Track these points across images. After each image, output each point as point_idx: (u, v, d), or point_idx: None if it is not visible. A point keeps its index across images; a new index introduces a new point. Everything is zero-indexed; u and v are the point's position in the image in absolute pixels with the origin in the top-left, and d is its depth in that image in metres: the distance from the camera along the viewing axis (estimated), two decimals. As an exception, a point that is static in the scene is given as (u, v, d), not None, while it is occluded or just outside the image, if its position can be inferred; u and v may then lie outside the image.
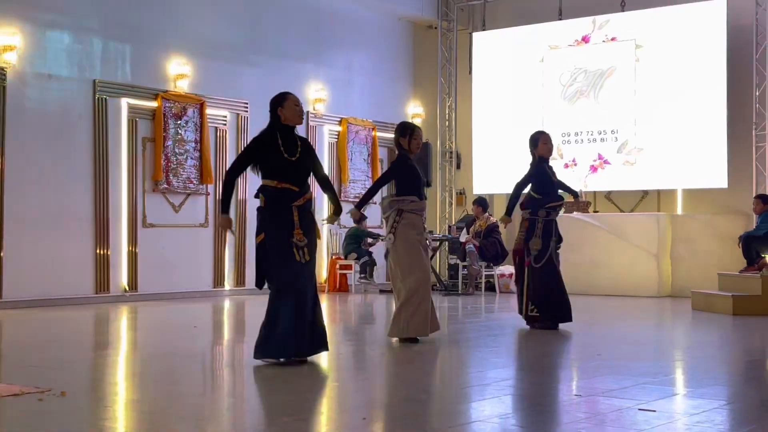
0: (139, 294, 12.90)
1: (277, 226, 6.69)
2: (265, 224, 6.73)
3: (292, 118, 6.85)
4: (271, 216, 6.71)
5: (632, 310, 12.17)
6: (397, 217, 8.07)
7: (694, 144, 14.43)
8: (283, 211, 6.69)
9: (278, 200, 6.70)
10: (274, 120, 6.85)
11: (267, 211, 6.74)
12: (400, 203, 8.11)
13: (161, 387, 6.09)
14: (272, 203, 6.71)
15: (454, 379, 6.76)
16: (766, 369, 7.39)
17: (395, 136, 8.37)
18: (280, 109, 6.83)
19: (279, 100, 6.87)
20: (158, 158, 13.15)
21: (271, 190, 6.72)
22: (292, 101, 6.86)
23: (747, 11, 14.23)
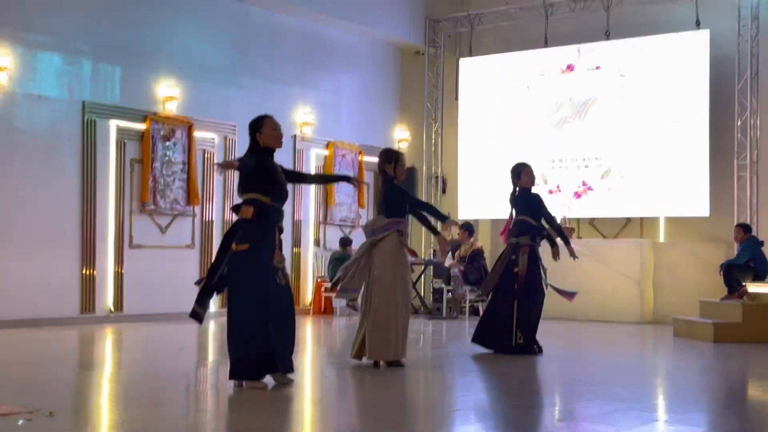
0: (125, 315, 12.92)
1: (263, 243, 6.69)
2: (253, 237, 6.68)
3: (270, 142, 6.86)
4: (256, 232, 6.69)
5: (614, 335, 12.28)
6: (400, 237, 8.17)
7: (677, 172, 14.60)
8: (270, 230, 6.75)
9: (269, 217, 6.75)
10: (254, 145, 6.87)
11: (256, 224, 6.71)
12: (400, 224, 8.20)
13: (147, 408, 6.14)
14: (262, 219, 6.72)
15: (438, 402, 6.83)
16: (746, 396, 7.50)
17: (380, 162, 8.47)
18: (258, 134, 6.86)
19: (257, 125, 6.89)
20: (146, 180, 13.21)
21: (265, 206, 6.74)
22: (269, 125, 6.87)
23: (729, 42, 14.44)
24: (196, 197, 13.78)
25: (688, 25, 14.61)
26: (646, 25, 15.23)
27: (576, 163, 15.58)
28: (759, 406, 6.80)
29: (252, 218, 6.72)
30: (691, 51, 14.60)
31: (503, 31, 16.84)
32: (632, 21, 15.36)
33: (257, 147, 6.86)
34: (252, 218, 6.72)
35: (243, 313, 6.63)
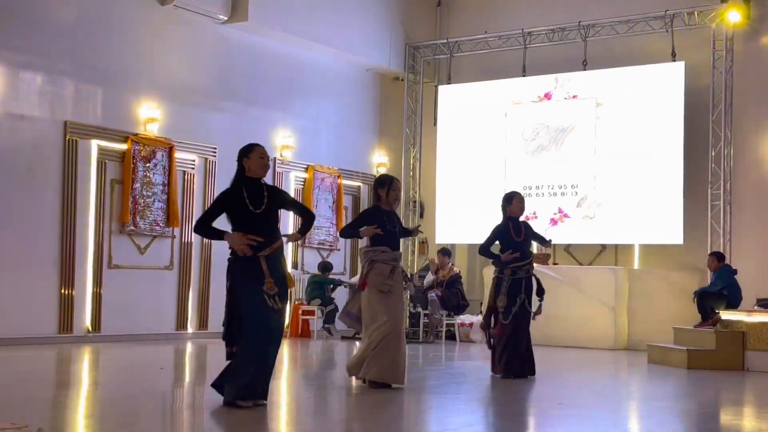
0: (102, 335, 12.91)
1: (246, 277, 6.79)
2: (234, 275, 6.83)
3: (256, 170, 6.94)
4: (239, 267, 6.81)
5: (590, 361, 12.41)
6: (369, 266, 8.27)
7: (652, 201, 14.81)
8: (251, 262, 6.79)
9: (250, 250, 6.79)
10: (240, 170, 6.96)
11: (236, 262, 6.84)
12: (373, 254, 8.31)
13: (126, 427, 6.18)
14: (239, 255, 6.80)
15: (420, 424, 6.90)
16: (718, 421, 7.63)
17: (375, 185, 8.58)
18: (245, 160, 6.93)
19: (245, 151, 6.97)
20: (126, 200, 13.25)
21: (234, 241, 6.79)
22: (257, 153, 6.94)
23: (704, 74, 14.72)
24: (175, 219, 13.82)
25: (664, 57, 14.88)
26: (623, 56, 15.49)
27: (552, 190, 15.76)
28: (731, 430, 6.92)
29: (233, 255, 6.86)
30: (667, 82, 14.85)
31: (482, 59, 17.06)
32: (609, 52, 15.62)
33: (242, 175, 6.94)
34: (233, 255, 6.86)
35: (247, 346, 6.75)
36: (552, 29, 15.97)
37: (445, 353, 13.25)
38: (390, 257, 8.34)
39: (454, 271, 15.05)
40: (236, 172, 6.99)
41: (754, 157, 14.56)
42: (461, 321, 15.17)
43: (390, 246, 8.38)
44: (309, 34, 15.57)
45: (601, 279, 14.74)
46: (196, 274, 14.16)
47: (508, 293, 9.56)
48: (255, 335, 6.72)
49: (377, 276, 8.25)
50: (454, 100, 16.91)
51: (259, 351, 6.73)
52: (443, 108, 17.00)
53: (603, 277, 14.77)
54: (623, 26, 15.36)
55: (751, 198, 14.50)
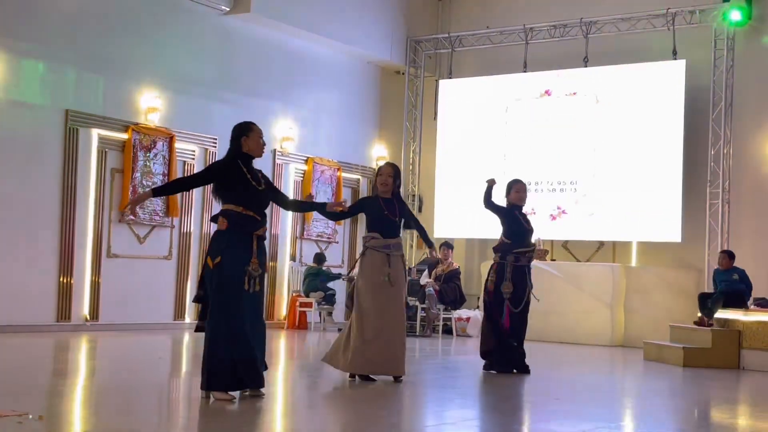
0: (100, 324, 12.94)
1: (235, 252, 6.68)
2: (224, 248, 6.69)
3: (255, 150, 6.88)
4: (231, 240, 6.70)
5: (586, 358, 12.45)
6: (361, 255, 8.29)
7: (651, 198, 14.84)
8: (245, 238, 6.73)
9: (242, 226, 6.73)
10: (236, 148, 6.86)
11: (228, 235, 6.72)
12: (366, 240, 8.33)
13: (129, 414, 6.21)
14: (235, 228, 6.72)
15: (415, 418, 6.93)
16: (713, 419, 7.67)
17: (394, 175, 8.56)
18: (244, 139, 6.86)
19: (244, 129, 6.90)
20: (126, 189, 13.26)
21: (234, 216, 6.73)
22: (257, 133, 6.90)
23: (705, 72, 14.73)
24: (174, 209, 13.84)
25: (665, 55, 14.90)
26: (624, 54, 15.51)
27: (551, 186, 15.79)
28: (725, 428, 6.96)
29: (225, 229, 6.75)
30: (667, 80, 14.87)
31: (483, 54, 17.08)
32: (610, 49, 15.64)
33: (238, 152, 6.86)
34: (225, 229, 6.75)
35: (216, 326, 6.64)
36: (553, 25, 15.98)
37: (441, 347, 13.28)
38: (381, 244, 8.26)
39: (453, 266, 15.08)
40: (231, 149, 6.88)
41: (754, 156, 14.59)
42: (458, 316, 15.20)
43: (383, 233, 8.30)
44: (311, 26, 15.58)
45: (599, 276, 14.77)
46: (194, 264, 14.18)
47: (512, 279, 9.53)
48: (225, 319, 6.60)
49: (367, 265, 8.24)
50: (454, 95, 16.92)
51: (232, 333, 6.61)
52: (444, 102, 17.01)
53: (600, 273, 14.80)
54: (625, 23, 15.38)
55: (750, 197, 14.54)
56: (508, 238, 9.72)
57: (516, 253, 9.65)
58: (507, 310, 9.53)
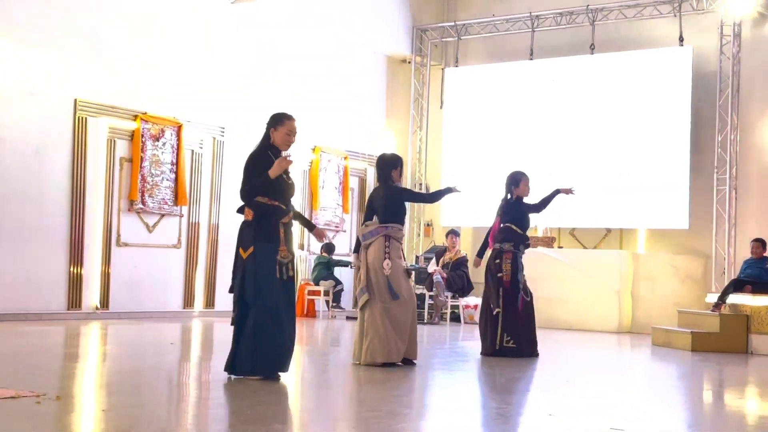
0: (110, 312, 13.01)
1: (266, 241, 6.84)
2: (254, 238, 6.84)
3: (280, 144, 6.97)
4: (260, 231, 6.85)
5: (594, 344, 12.49)
6: (387, 243, 8.31)
7: (658, 185, 14.87)
8: (273, 227, 6.88)
9: (270, 216, 6.87)
10: (265, 138, 6.98)
11: (256, 226, 6.86)
12: (388, 230, 8.36)
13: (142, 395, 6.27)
14: (263, 218, 6.86)
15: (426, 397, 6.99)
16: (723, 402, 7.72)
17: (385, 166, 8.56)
18: (272, 130, 6.96)
19: (275, 121, 6.98)
20: (134, 178, 13.33)
21: (264, 206, 6.86)
22: (287, 127, 6.96)
23: (712, 59, 14.76)
24: (183, 197, 13.90)
25: (671, 42, 14.92)
26: (631, 41, 15.54)
27: (558, 173, 15.82)
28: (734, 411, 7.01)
29: (252, 219, 6.87)
30: (674, 67, 14.89)
31: (489, 42, 17.11)
32: (617, 36, 15.67)
33: (267, 142, 6.97)
34: (252, 219, 6.87)
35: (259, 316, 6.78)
36: (560, 13, 16.01)
37: (450, 334, 13.34)
38: (402, 235, 8.48)
39: (460, 254, 15.12)
40: (263, 138, 6.99)
41: (760, 143, 14.61)
42: (466, 303, 15.25)
43: (401, 224, 8.49)
44: (317, 16, 15.61)
45: (606, 263, 14.80)
46: (203, 252, 14.25)
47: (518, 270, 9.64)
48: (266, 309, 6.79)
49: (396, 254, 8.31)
50: (461, 83, 16.95)
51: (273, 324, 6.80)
52: (450, 91, 17.04)
53: (608, 260, 14.83)
54: (631, 10, 15.40)
55: (757, 183, 14.57)
56: (522, 228, 9.83)
57: (527, 243, 9.84)
58: (521, 298, 9.64)
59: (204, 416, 5.62)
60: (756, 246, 12.67)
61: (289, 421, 5.60)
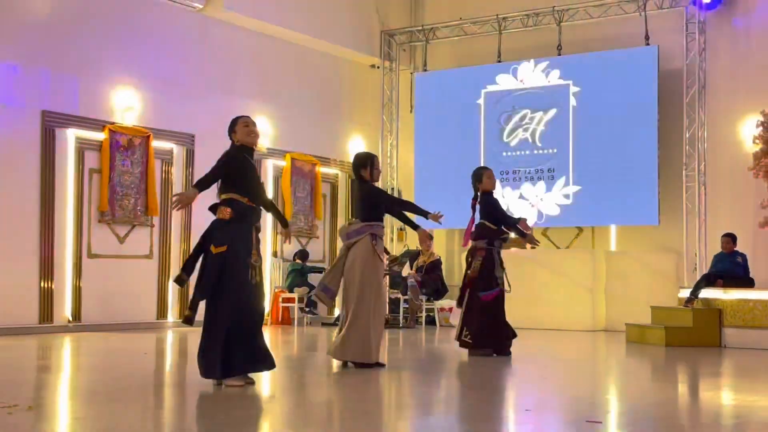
0: (83, 324, 12.90)
1: (240, 242, 6.81)
2: (229, 237, 6.79)
3: (244, 139, 6.97)
4: (236, 231, 6.81)
5: (569, 342, 12.53)
6: (373, 241, 8.30)
7: (628, 183, 14.96)
8: (248, 230, 6.87)
9: (246, 217, 6.87)
10: (232, 143, 7.04)
11: (233, 225, 6.82)
12: (373, 228, 8.35)
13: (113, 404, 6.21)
14: (241, 219, 6.84)
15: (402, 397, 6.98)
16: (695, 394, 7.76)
17: (355, 166, 8.60)
18: (233, 134, 7.02)
19: (231, 126, 7.07)
20: (104, 189, 13.23)
21: (242, 206, 6.84)
22: (242, 122, 7.01)
23: (677, 57, 14.87)
24: (154, 208, 13.81)
25: (637, 40, 15.02)
26: (597, 41, 15.64)
27: (529, 174, 15.89)
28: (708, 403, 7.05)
29: (229, 219, 6.83)
30: (641, 65, 15.00)
31: (457, 46, 17.16)
32: (583, 36, 15.76)
33: (235, 146, 7.02)
34: (229, 219, 6.83)
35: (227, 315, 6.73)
36: (526, 14, 16.08)
37: (425, 337, 13.34)
38: (383, 233, 8.50)
39: (434, 257, 15.13)
40: (231, 147, 7.02)
41: (728, 139, 14.73)
42: (441, 306, 15.25)
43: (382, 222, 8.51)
44: (285, 22, 15.60)
45: (579, 262, 14.86)
46: (175, 262, 14.15)
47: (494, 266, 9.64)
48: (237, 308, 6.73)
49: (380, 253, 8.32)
50: (430, 87, 16.99)
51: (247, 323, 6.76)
52: (420, 95, 17.08)
53: (580, 259, 14.89)
54: (596, 10, 15.50)
55: (726, 178, 14.68)
56: (494, 223, 9.82)
57: (502, 238, 9.81)
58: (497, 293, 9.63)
59: (179, 422, 5.59)
60: (726, 241, 12.80)
61: (265, 425, 5.58)
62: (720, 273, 12.35)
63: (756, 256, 13.42)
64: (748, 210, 14.23)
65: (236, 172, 6.90)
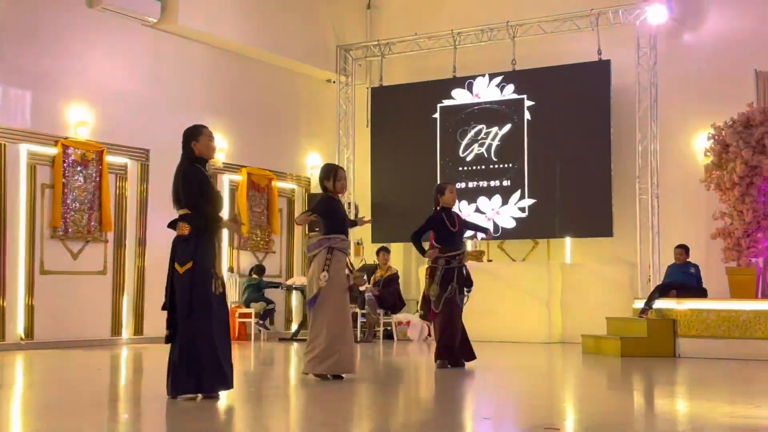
0: (36, 342, 12.70)
1: (205, 256, 6.73)
2: (195, 252, 6.71)
3: (205, 152, 6.88)
4: (199, 245, 6.72)
5: (525, 354, 12.59)
6: (329, 255, 8.26)
7: (583, 196, 15.10)
8: (210, 242, 6.81)
9: (209, 231, 6.80)
10: (188, 152, 6.88)
11: (195, 239, 6.73)
12: (330, 241, 8.32)
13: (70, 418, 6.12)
14: (205, 232, 6.77)
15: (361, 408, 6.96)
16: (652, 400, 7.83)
17: (320, 177, 8.61)
18: (194, 143, 6.87)
19: (194, 134, 6.89)
20: (57, 205, 13.07)
21: (201, 219, 6.76)
22: (207, 135, 6.90)
23: (629, 71, 15.04)
24: (108, 223, 13.67)
25: (590, 55, 15.19)
26: (551, 55, 15.78)
27: (485, 188, 15.96)
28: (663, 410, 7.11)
29: (189, 234, 6.75)
30: (594, 79, 15.17)
31: (413, 60, 17.23)
32: (537, 51, 15.89)
33: (191, 156, 6.87)
34: (189, 234, 6.75)
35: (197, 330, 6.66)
36: (481, 29, 16.19)
37: (383, 351, 13.32)
38: (346, 246, 8.45)
39: (391, 271, 15.14)
40: (185, 154, 6.89)
41: (679, 151, 14.92)
42: (398, 320, 15.25)
43: (345, 234, 8.46)
44: (241, 36, 15.57)
45: (535, 274, 14.95)
46: (130, 278, 14.02)
47: (441, 282, 9.68)
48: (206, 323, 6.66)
49: (336, 266, 8.25)
50: (386, 102, 17.03)
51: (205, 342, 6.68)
52: (376, 109, 17.10)
53: (536, 272, 14.99)
54: (550, 25, 15.64)
55: (678, 190, 14.86)
56: (438, 242, 9.87)
57: (447, 257, 9.79)
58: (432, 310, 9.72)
59: (135, 435, 5.52)
60: (679, 252, 12.99)
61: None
62: (673, 284, 12.52)
63: (708, 266, 13.57)
64: (701, 222, 14.42)
65: (195, 186, 6.79)
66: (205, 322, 6.68)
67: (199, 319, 6.68)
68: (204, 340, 6.67)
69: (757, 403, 7.04)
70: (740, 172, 12.96)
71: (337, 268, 8.27)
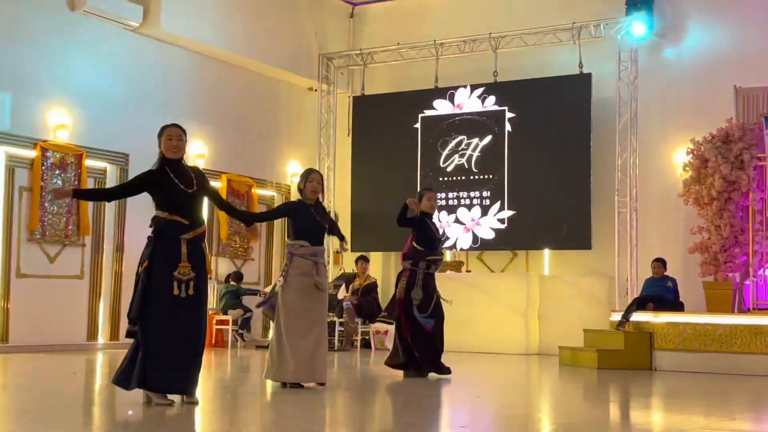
0: (11, 345, 12.60)
1: (162, 258, 6.68)
2: (151, 254, 6.72)
3: (165, 151, 6.88)
4: (158, 246, 6.71)
5: (502, 365, 12.60)
6: (288, 262, 8.23)
7: (562, 208, 15.15)
8: (171, 243, 6.72)
9: (167, 231, 6.74)
10: (160, 153, 6.94)
11: (156, 241, 6.75)
12: (291, 248, 8.29)
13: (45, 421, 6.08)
14: (161, 234, 6.74)
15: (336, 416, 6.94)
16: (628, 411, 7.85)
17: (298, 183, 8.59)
18: (159, 142, 6.94)
19: (159, 133, 6.97)
20: (35, 208, 12.98)
21: (161, 221, 6.75)
22: (166, 134, 6.92)
23: (610, 85, 15.13)
24: (86, 227, 13.59)
25: (571, 68, 15.26)
26: (533, 68, 15.85)
27: (465, 199, 15.99)
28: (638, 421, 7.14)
29: (152, 236, 6.80)
30: (575, 92, 15.24)
31: (395, 70, 17.25)
32: (519, 63, 15.96)
33: (160, 155, 6.90)
34: (152, 236, 6.80)
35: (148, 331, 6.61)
36: (463, 40, 16.23)
37: (360, 359, 13.30)
38: (309, 252, 8.28)
39: (370, 279, 15.13)
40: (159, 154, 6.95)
41: (659, 165, 15.01)
42: (376, 329, 15.23)
43: (310, 241, 8.30)
44: (223, 43, 15.55)
45: (513, 285, 14.96)
46: (107, 283, 13.94)
47: (423, 287, 9.63)
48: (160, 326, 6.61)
49: (294, 273, 8.20)
50: (368, 111, 17.04)
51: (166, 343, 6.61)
52: (357, 118, 17.11)
53: (514, 283, 15.00)
54: (532, 38, 15.71)
55: (656, 204, 14.94)
56: (420, 245, 9.80)
57: (428, 260, 9.76)
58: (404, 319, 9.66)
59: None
60: (657, 266, 13.08)
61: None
62: (651, 297, 12.58)
63: (686, 280, 13.65)
64: (678, 236, 14.50)
65: (152, 186, 6.82)
66: (152, 325, 6.61)
67: (148, 321, 6.62)
68: (149, 343, 6.59)
69: (731, 416, 7.08)
70: (718, 187, 13.06)
71: (294, 275, 8.19)
